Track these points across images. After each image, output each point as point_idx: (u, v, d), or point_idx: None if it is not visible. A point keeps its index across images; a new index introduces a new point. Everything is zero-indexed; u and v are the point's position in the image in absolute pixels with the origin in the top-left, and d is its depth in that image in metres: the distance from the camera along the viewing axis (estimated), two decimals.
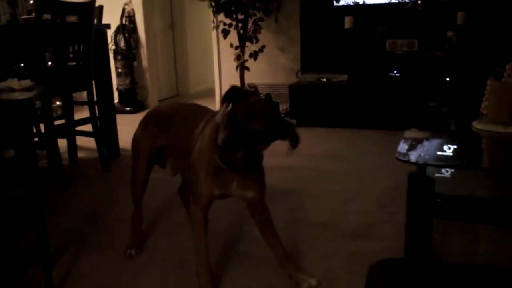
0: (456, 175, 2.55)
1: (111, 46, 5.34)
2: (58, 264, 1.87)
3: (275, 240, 1.66)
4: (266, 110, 1.36)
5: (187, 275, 1.73)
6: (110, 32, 5.20)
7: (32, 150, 1.82)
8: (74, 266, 1.86)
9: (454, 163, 1.50)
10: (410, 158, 1.35)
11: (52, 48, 2.82)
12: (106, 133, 3.36)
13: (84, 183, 2.94)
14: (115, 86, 4.49)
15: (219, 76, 5.20)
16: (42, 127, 3.06)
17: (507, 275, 1.04)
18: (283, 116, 2.00)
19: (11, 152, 1.78)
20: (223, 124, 1.33)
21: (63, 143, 3.18)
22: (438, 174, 2.40)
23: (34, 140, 2.77)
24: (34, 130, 3.24)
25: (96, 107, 3.23)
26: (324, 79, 4.35)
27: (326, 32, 4.55)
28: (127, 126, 2.93)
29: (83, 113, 3.57)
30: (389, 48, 4.09)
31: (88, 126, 3.20)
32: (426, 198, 1.39)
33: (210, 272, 1.61)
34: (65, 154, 3.29)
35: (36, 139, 3.16)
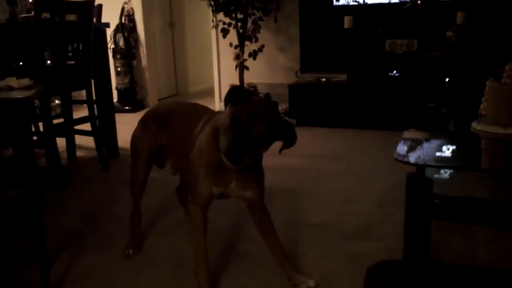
0: (455, 176, 2.55)
1: (110, 45, 5.33)
2: (57, 264, 1.86)
3: (275, 240, 1.66)
4: (268, 112, 1.36)
5: (186, 274, 1.73)
6: (109, 31, 5.19)
7: (30, 149, 1.82)
8: (72, 266, 1.86)
9: (453, 164, 1.50)
10: (409, 159, 1.35)
11: (51, 47, 2.82)
12: (105, 132, 3.36)
13: (83, 182, 2.93)
14: (114, 85, 4.47)
15: (218, 76, 5.19)
16: (41, 126, 3.06)
17: (506, 277, 1.04)
18: (282, 115, 2.00)
19: (9, 151, 1.78)
20: (226, 129, 1.33)
21: (62, 142, 3.17)
22: (437, 175, 2.41)
23: (32, 139, 2.77)
24: (33, 129, 3.23)
25: (95, 106, 3.23)
26: (324, 79, 4.35)
27: (325, 32, 4.55)
28: (126, 125, 2.93)
29: (82, 112, 3.56)
30: (388, 48, 4.09)
31: (87, 125, 3.19)
32: (424, 199, 1.39)
33: (209, 272, 1.61)
34: (64, 153, 3.28)
35: (34, 138, 3.15)
